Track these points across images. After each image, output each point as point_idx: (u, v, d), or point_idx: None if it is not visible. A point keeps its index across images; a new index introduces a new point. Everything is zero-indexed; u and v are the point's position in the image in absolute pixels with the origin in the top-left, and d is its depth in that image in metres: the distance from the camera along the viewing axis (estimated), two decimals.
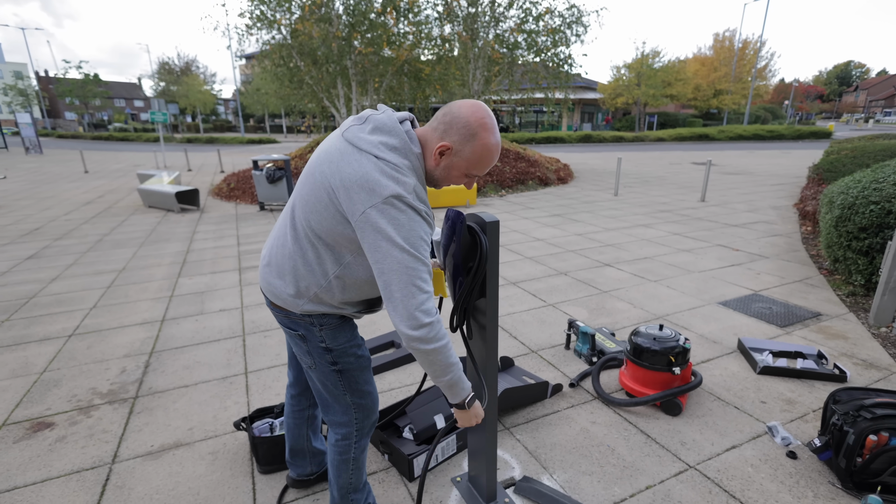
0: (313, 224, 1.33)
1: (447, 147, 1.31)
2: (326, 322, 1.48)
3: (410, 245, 1.23)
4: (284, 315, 1.49)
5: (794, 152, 20.12)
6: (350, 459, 1.67)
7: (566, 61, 14.55)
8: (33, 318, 3.97)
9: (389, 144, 1.28)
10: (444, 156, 1.33)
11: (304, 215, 1.34)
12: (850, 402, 2.14)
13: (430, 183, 1.41)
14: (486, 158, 1.33)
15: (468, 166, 1.34)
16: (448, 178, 1.39)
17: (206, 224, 7.65)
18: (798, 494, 2.01)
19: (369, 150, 1.27)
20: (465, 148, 1.31)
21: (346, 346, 1.53)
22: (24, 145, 23.75)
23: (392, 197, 1.21)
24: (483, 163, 1.34)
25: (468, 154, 1.31)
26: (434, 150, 1.32)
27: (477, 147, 1.31)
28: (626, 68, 36.64)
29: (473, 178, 1.40)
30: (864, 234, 4.06)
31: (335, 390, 1.58)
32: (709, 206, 8.50)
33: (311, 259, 1.37)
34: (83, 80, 43.59)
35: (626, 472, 2.16)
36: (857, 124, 51.88)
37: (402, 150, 1.29)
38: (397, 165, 1.26)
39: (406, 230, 1.23)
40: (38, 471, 2.20)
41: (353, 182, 1.24)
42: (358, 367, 1.58)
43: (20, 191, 11.50)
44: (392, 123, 1.31)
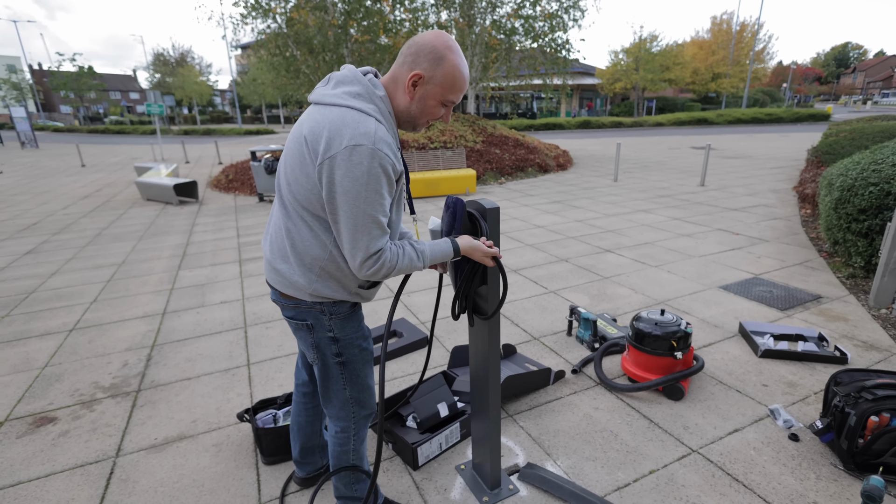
0: (295, 194, 1.33)
1: (419, 75, 1.31)
2: (337, 311, 1.48)
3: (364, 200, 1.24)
4: (294, 306, 1.47)
5: (793, 135, 20.02)
6: (350, 450, 1.68)
7: (564, 46, 14.43)
8: (33, 314, 3.96)
9: (352, 92, 1.30)
10: (417, 86, 1.33)
11: (287, 189, 1.35)
12: (851, 383, 2.15)
13: (408, 123, 1.41)
14: (458, 80, 1.33)
15: (443, 92, 1.34)
16: (425, 110, 1.37)
17: (205, 216, 7.62)
18: (800, 476, 2.02)
19: (333, 101, 1.29)
20: (437, 72, 1.30)
21: (353, 336, 1.54)
22: (20, 140, 23.60)
23: (349, 147, 1.21)
24: (456, 86, 1.34)
25: (440, 78, 1.31)
26: (406, 83, 1.32)
27: (448, 69, 1.31)
28: (623, 53, 36.35)
29: (449, 106, 1.39)
30: (863, 215, 4.04)
31: (336, 384, 1.58)
32: (708, 191, 8.47)
33: (305, 234, 1.37)
34: (78, 73, 43.23)
35: (630, 457, 2.17)
36: (856, 106, 51.65)
37: (365, 95, 1.30)
38: (361, 110, 1.27)
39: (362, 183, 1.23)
40: (41, 465, 2.21)
41: (314, 133, 1.26)
42: (361, 360, 1.58)
43: (17, 185, 11.44)
44: (353, 74, 1.33)
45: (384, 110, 1.32)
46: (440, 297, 1.44)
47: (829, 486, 1.97)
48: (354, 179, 1.22)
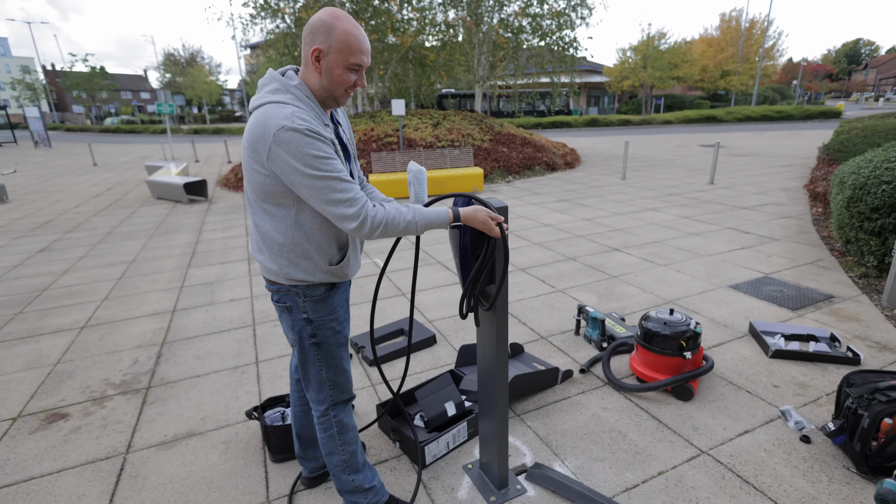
0: (254, 189, 1.45)
1: (318, 49, 1.40)
2: (311, 294, 1.57)
3: (308, 166, 1.34)
4: (276, 290, 1.58)
5: (804, 133, 19.79)
6: (335, 435, 1.71)
7: (571, 44, 14.35)
8: (46, 311, 4.01)
9: (271, 90, 1.42)
10: (320, 60, 1.41)
11: (249, 187, 1.47)
12: (864, 385, 2.12)
13: (329, 99, 1.48)
14: (354, 42, 1.40)
15: (343, 57, 1.41)
16: (334, 80, 1.44)
17: (215, 215, 7.68)
18: (812, 479, 2.00)
19: (258, 102, 1.42)
20: (332, 41, 1.39)
21: (326, 318, 1.61)
22: (33, 139, 23.90)
23: (274, 132, 1.33)
24: (353, 47, 1.40)
25: (337, 45, 1.39)
26: (311, 61, 1.41)
27: (340, 34, 1.38)
28: (631, 51, 36.13)
29: (359, 70, 1.45)
30: (876, 214, 3.99)
31: (312, 366, 1.65)
32: (717, 189, 8.40)
33: (267, 224, 1.48)
34: (90, 74, 43.69)
35: (638, 457, 2.15)
36: (868, 103, 50.91)
37: (281, 89, 1.42)
38: (279, 102, 1.39)
39: (299, 155, 1.33)
40: (53, 461, 2.24)
41: (251, 134, 1.38)
42: (335, 343, 1.65)
43: (30, 184, 11.58)
44: (270, 75, 1.45)
45: (301, 96, 1.43)
46: (417, 267, 1.43)
47: (842, 489, 1.94)
48: (293, 154, 1.33)
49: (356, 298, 4.07)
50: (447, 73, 14.19)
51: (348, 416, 1.74)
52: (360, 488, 1.77)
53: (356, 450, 1.76)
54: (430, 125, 11.28)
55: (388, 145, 10.47)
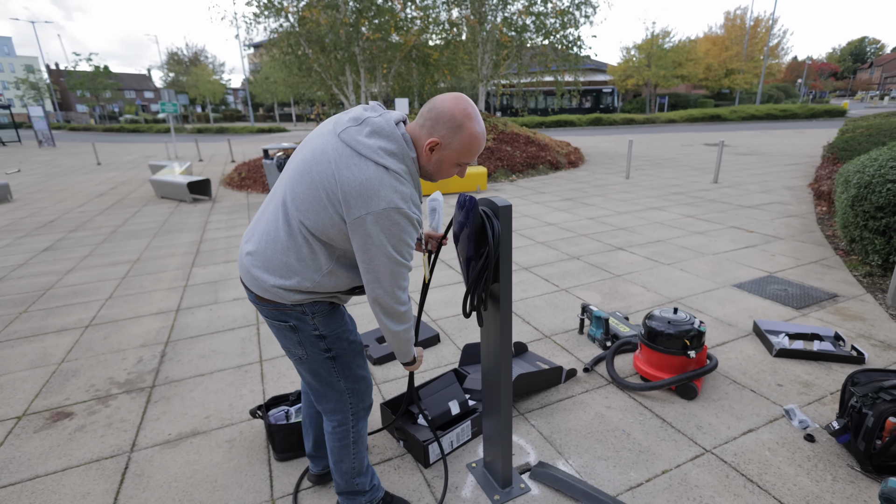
0: (308, 223, 1.35)
1: (436, 143, 1.36)
2: (318, 309, 1.50)
3: (397, 252, 1.34)
4: (272, 308, 1.48)
5: (808, 131, 19.70)
6: (350, 444, 1.69)
7: (575, 43, 14.32)
8: (50, 310, 4.03)
9: (388, 150, 1.32)
10: (434, 151, 1.39)
11: (299, 214, 1.36)
12: (868, 383, 2.11)
13: (424, 177, 1.47)
14: (474, 147, 1.39)
15: (458, 157, 1.40)
16: (440, 171, 1.44)
17: (219, 214, 7.70)
18: (816, 478, 1.99)
19: (369, 155, 1.30)
20: (454, 140, 1.36)
21: (340, 331, 1.56)
22: (37, 138, 24.01)
23: (389, 209, 1.28)
24: (471, 151, 1.40)
25: (457, 145, 1.37)
26: (424, 147, 1.38)
27: (465, 137, 1.36)
28: (635, 49, 36.04)
29: (465, 166, 1.45)
30: (881, 213, 3.97)
31: (329, 377, 1.60)
32: (722, 188, 8.37)
33: (305, 255, 1.39)
34: (93, 73, 43.84)
35: (642, 456, 2.15)
36: (873, 101, 50.64)
37: (399, 155, 1.34)
38: (397, 173, 1.32)
39: (395, 239, 1.32)
40: (58, 459, 2.25)
41: (352, 188, 1.28)
42: (352, 353, 1.61)
43: (34, 184, 11.64)
44: (390, 128, 1.34)
45: (413, 171, 1.39)
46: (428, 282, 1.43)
47: (846, 487, 1.94)
48: (392, 236, 1.31)
49: (358, 297, 4.07)
50: (451, 71, 14.18)
51: (365, 426, 1.73)
52: (362, 490, 1.77)
53: (365, 455, 1.76)
54: None
55: None
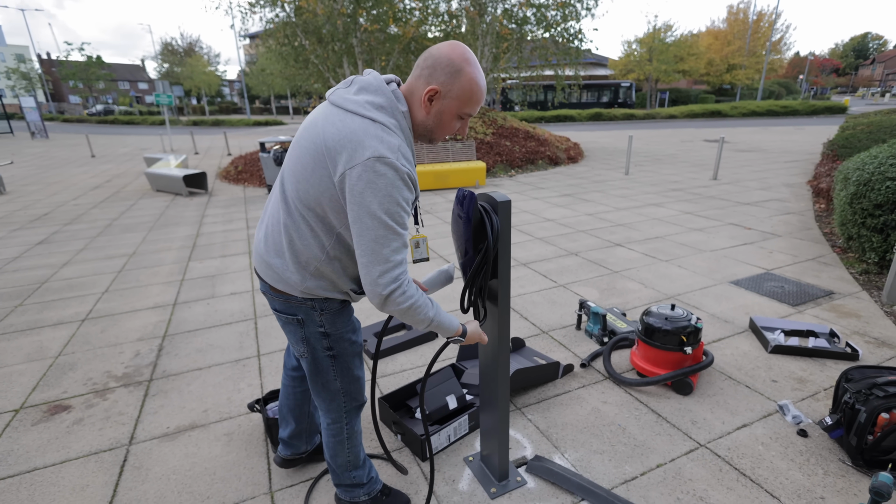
0: (301, 194, 1.32)
1: (435, 90, 1.29)
2: (328, 307, 1.48)
3: (385, 212, 1.23)
4: (284, 300, 1.47)
5: (808, 128, 19.72)
6: (344, 440, 1.70)
7: (576, 36, 14.24)
8: (46, 303, 4.02)
9: (375, 103, 1.27)
10: (433, 101, 1.32)
11: (293, 186, 1.34)
12: (862, 380, 2.13)
13: (424, 136, 1.40)
14: (476, 93, 1.31)
15: (460, 105, 1.32)
16: (441, 125, 1.36)
17: (215, 207, 7.67)
18: (808, 472, 2.01)
19: (355, 110, 1.26)
20: (454, 86, 1.29)
21: (343, 330, 1.55)
22: (30, 130, 23.80)
23: (373, 158, 1.20)
24: (474, 99, 1.32)
25: (458, 92, 1.30)
26: (423, 97, 1.31)
27: (465, 82, 1.29)
28: (637, 43, 35.89)
29: (466, 119, 1.38)
30: (879, 211, 3.98)
31: (326, 376, 1.59)
32: (721, 185, 8.38)
33: (305, 233, 1.36)
34: (86, 63, 43.45)
35: (637, 450, 2.17)
36: (874, 98, 50.67)
37: (388, 108, 1.28)
38: (384, 125, 1.26)
39: (382, 195, 1.22)
40: (56, 452, 2.25)
41: (336, 141, 1.24)
42: (351, 353, 1.60)
43: (28, 176, 11.57)
44: (378, 83, 1.30)
45: (405, 127, 1.32)
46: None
47: (837, 481, 1.96)
48: (378, 190, 1.21)
49: None
50: None
51: (358, 422, 1.74)
52: (360, 483, 1.79)
53: (360, 449, 1.77)
54: None
55: None
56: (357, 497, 1.80)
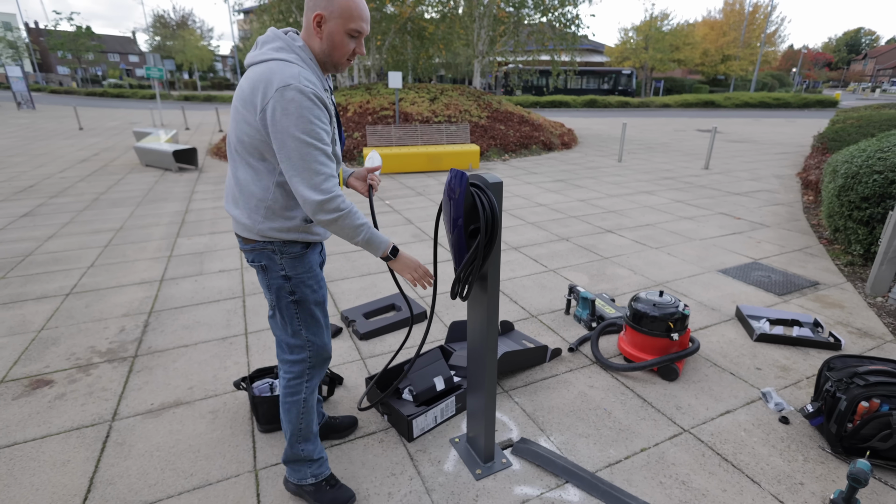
0: (241, 141, 1.43)
1: (319, 15, 1.40)
2: (288, 251, 1.56)
3: (302, 131, 1.34)
4: (250, 249, 1.56)
5: (800, 121, 19.80)
6: (301, 400, 1.72)
7: (573, 21, 14.10)
8: (30, 276, 3.95)
9: (275, 47, 1.42)
10: (321, 25, 1.42)
11: (235, 138, 1.46)
12: (843, 369, 2.16)
13: (329, 64, 1.49)
14: (355, 9, 1.41)
15: (344, 23, 1.42)
16: (335, 47, 1.45)
17: (205, 184, 7.56)
18: (789, 458, 2.05)
19: (260, 59, 1.41)
20: (334, 7, 1.39)
21: (304, 276, 1.60)
22: (16, 100, 23.22)
23: (280, 88, 1.32)
24: (355, 13, 1.41)
25: (338, 11, 1.40)
26: (312, 26, 1.43)
27: (341, 1, 1.39)
28: (633, 31, 35.61)
29: (360, 38, 1.47)
30: (866, 203, 4.02)
31: (292, 325, 1.64)
32: (712, 174, 8.41)
33: (248, 177, 1.47)
34: (75, 33, 42.30)
35: (622, 434, 2.19)
36: (864, 93, 50.92)
37: (285, 48, 1.42)
38: (284, 60, 1.39)
39: (296, 117, 1.33)
40: (37, 427, 2.23)
41: (250, 88, 1.38)
42: (314, 301, 1.65)
43: (13, 147, 11.30)
44: (273, 33, 1.44)
45: (305, 58, 1.44)
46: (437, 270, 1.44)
47: (816, 468, 1.99)
48: (290, 114, 1.33)
49: (347, 272, 4.06)
50: (446, 46, 13.91)
51: (317, 385, 1.76)
52: (308, 458, 1.78)
53: (313, 419, 1.77)
54: (427, 99, 11.11)
55: (384, 119, 10.32)
56: (304, 478, 1.79)
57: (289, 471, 1.82)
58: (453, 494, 1.87)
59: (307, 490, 1.80)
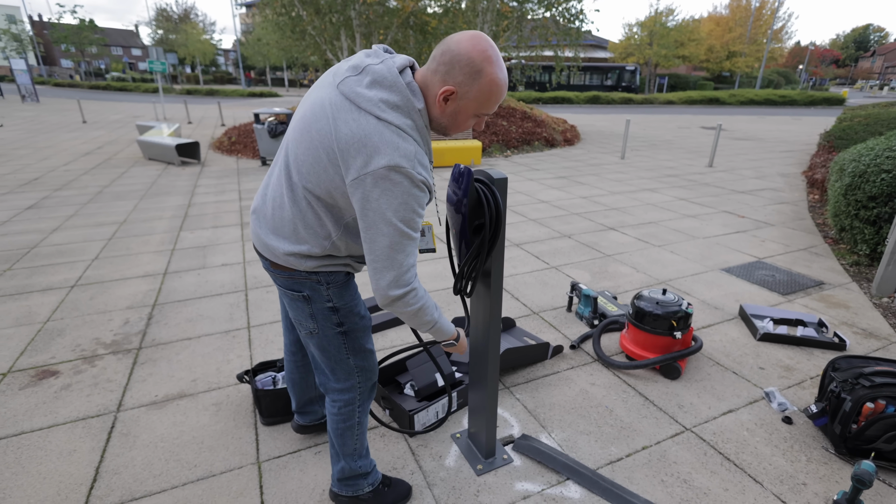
0: (310, 186, 1.26)
1: (451, 91, 1.20)
2: (333, 280, 1.43)
3: (400, 219, 1.19)
4: (287, 276, 1.41)
5: (806, 118, 19.69)
6: (355, 425, 1.64)
7: (577, 16, 14.01)
8: (35, 268, 3.97)
9: (391, 102, 1.18)
10: (449, 101, 1.23)
11: (301, 178, 1.27)
12: (849, 369, 2.15)
13: (437, 130, 1.33)
14: (495, 94, 1.22)
15: (477, 107, 1.24)
16: (456, 124, 1.29)
17: (207, 178, 7.56)
18: (791, 458, 2.05)
19: (369, 109, 1.17)
20: (472, 89, 1.20)
21: (352, 304, 1.50)
22: (20, 93, 23.26)
23: (388, 167, 1.14)
24: (493, 100, 1.23)
25: (475, 94, 1.21)
26: (437, 96, 1.22)
27: (485, 85, 1.19)
28: (638, 26, 35.41)
29: (483, 118, 1.31)
30: (873, 203, 3.99)
31: (338, 354, 1.53)
32: (716, 172, 8.37)
33: (311, 221, 1.31)
34: (79, 27, 42.30)
35: (624, 432, 2.19)
36: (872, 91, 50.56)
37: (404, 108, 1.19)
38: (399, 128, 1.18)
39: (398, 203, 1.17)
40: (44, 417, 2.24)
41: (350, 145, 1.17)
42: (362, 328, 1.55)
43: (17, 140, 11.33)
44: (393, 77, 1.19)
45: (421, 126, 1.24)
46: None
47: (820, 468, 1.99)
48: (393, 199, 1.17)
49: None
50: None
51: (371, 401, 1.69)
52: (364, 472, 1.72)
53: (366, 437, 1.72)
54: None
55: None
56: (360, 489, 1.73)
57: (340, 486, 1.73)
58: (454, 489, 1.88)
59: (365, 499, 1.74)
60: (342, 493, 1.74)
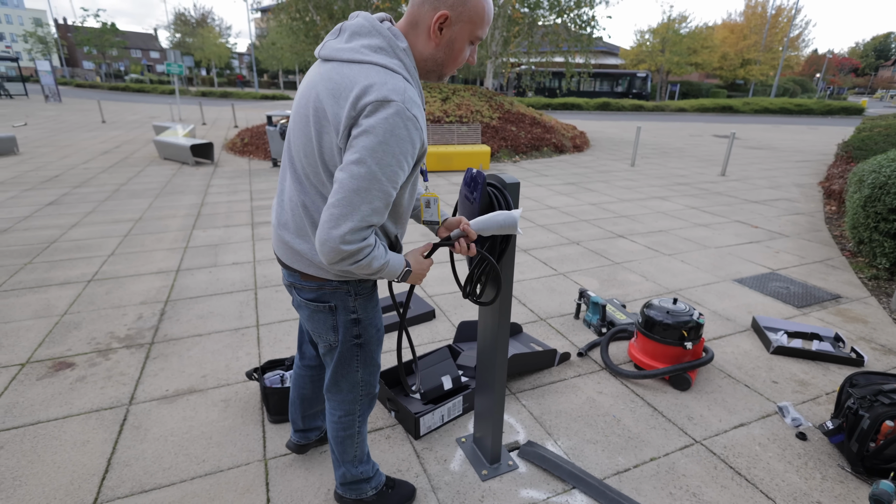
0: (311, 166, 1.21)
1: (445, 16, 1.15)
2: (362, 290, 1.39)
3: (378, 162, 1.08)
4: (317, 287, 1.35)
5: (822, 128, 19.42)
6: (355, 434, 1.64)
7: (589, 23, 13.99)
8: (54, 262, 4.04)
9: (373, 45, 1.14)
10: (444, 28, 1.18)
11: (302, 160, 1.23)
12: (867, 386, 2.11)
13: (432, 73, 1.26)
14: (487, 11, 1.20)
15: (472, 29, 1.19)
16: (453, 55, 1.23)
17: (220, 178, 7.65)
18: (806, 475, 2.01)
19: (351, 57, 1.13)
20: (465, 9, 1.16)
21: (373, 316, 1.48)
22: (44, 93, 23.76)
23: (377, 102, 1.07)
24: (486, 19, 1.20)
25: (470, 14, 1.17)
26: (431, 26, 1.17)
27: (476, 2, 1.17)
28: (650, 33, 35.24)
29: (475, 47, 1.26)
30: (893, 215, 3.93)
31: (349, 366, 1.51)
32: (729, 181, 8.29)
33: (321, 207, 1.24)
34: (101, 30, 43.19)
35: (631, 442, 2.17)
36: (893, 101, 49.78)
37: (387, 48, 1.15)
38: (386, 66, 1.12)
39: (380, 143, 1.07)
40: (59, 407, 2.28)
41: (333, 94, 1.11)
42: (377, 341, 1.54)
43: (40, 138, 11.56)
44: (369, 23, 1.16)
45: (409, 66, 1.18)
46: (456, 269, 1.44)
47: (835, 487, 1.95)
48: (376, 137, 1.07)
49: None
50: None
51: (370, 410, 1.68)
52: (366, 477, 1.72)
53: (366, 443, 1.72)
54: (438, 99, 11.11)
55: None
56: (364, 493, 1.73)
57: (344, 489, 1.72)
58: (459, 494, 1.87)
59: (369, 501, 1.74)
60: (346, 496, 1.74)
